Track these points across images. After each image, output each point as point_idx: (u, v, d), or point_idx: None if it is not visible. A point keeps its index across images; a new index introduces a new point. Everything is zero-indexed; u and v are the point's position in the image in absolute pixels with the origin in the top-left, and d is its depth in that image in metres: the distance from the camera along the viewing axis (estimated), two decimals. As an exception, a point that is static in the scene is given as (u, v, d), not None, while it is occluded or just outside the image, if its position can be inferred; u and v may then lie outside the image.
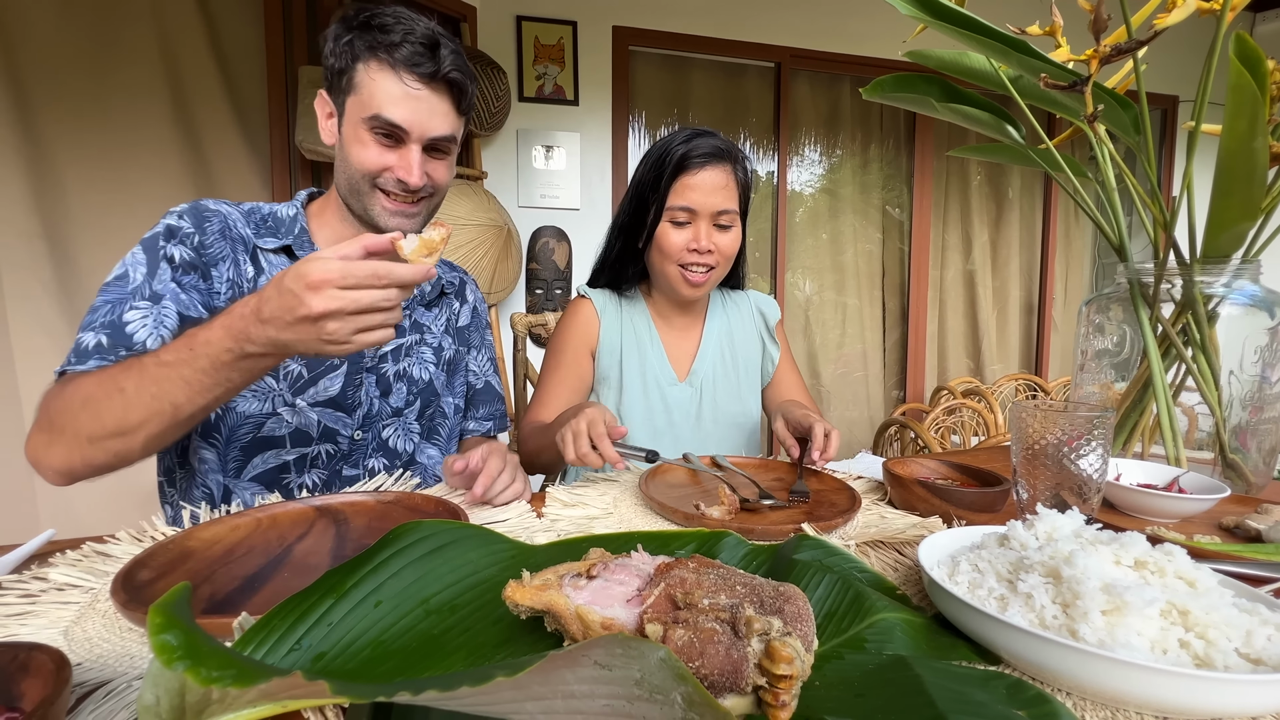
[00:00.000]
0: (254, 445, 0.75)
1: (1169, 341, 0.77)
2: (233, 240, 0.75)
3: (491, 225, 2.01)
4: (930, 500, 0.63)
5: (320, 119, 0.77)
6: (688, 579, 0.36)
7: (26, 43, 1.49)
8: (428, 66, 0.70)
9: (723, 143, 0.93)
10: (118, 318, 0.65)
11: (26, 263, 1.50)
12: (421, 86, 0.71)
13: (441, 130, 0.73)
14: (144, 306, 0.66)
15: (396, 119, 0.70)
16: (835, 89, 2.84)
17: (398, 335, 0.84)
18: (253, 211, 0.79)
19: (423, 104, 0.71)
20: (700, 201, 0.90)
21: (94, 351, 0.63)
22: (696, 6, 2.52)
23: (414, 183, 0.73)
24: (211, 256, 0.73)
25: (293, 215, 0.79)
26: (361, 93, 0.71)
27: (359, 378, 0.80)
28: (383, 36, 0.69)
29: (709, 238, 0.91)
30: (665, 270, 0.95)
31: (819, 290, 2.96)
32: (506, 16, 2.32)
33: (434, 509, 0.59)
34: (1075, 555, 0.37)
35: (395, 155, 0.73)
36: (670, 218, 0.92)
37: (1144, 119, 0.72)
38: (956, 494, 0.62)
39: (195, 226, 0.73)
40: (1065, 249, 3.26)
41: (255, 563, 0.49)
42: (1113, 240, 0.80)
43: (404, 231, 0.58)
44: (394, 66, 0.70)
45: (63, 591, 0.45)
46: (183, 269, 0.71)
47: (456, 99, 0.74)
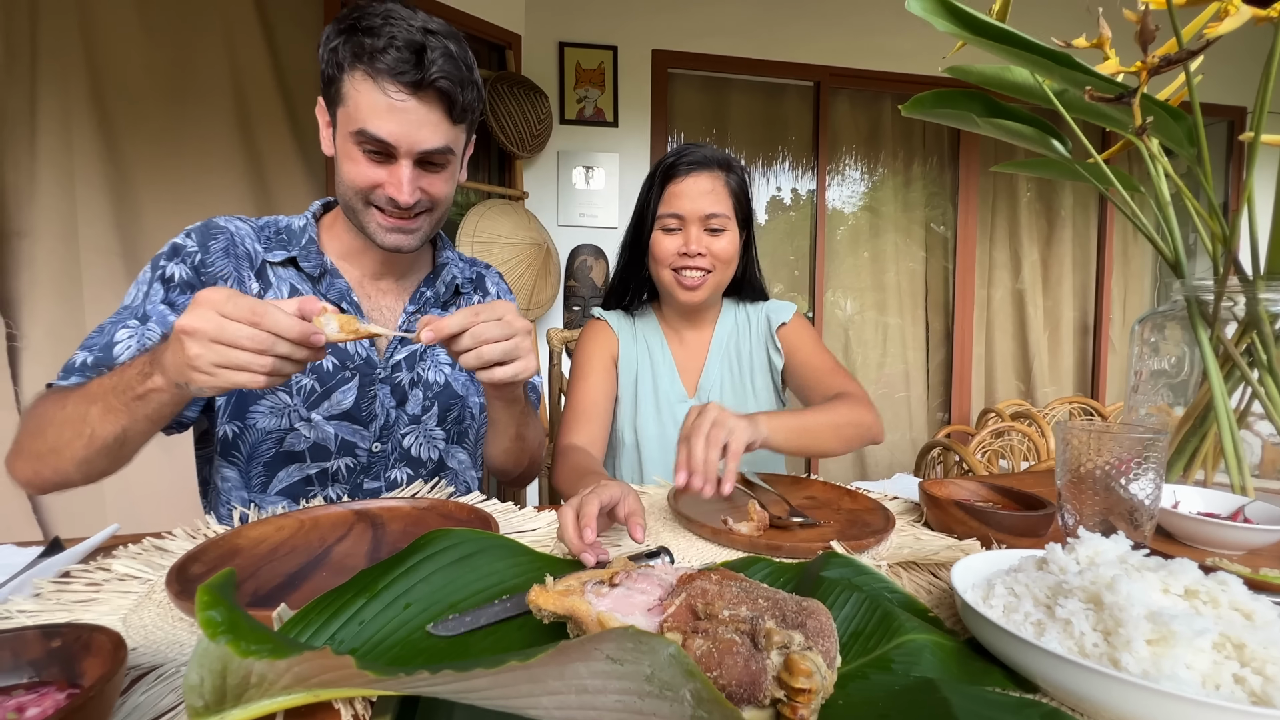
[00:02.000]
0: (277, 460, 0.76)
1: (1232, 363, 0.72)
2: (237, 258, 0.74)
3: (531, 244, 2.06)
4: (968, 523, 0.60)
5: (320, 128, 0.74)
6: (709, 590, 0.36)
7: (112, 75, 1.62)
8: (411, 75, 0.65)
9: (711, 151, 0.95)
10: (111, 337, 0.66)
11: (106, 279, 1.62)
12: (407, 97, 0.66)
13: (432, 143, 0.69)
14: (133, 326, 0.67)
15: (382, 134, 0.66)
16: (876, 107, 2.82)
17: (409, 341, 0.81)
18: (266, 225, 0.79)
19: (409, 116, 0.66)
20: (687, 207, 0.92)
21: (78, 369, 0.64)
22: (735, 28, 2.56)
23: (404, 200, 0.69)
24: (211, 275, 0.72)
25: (302, 226, 0.79)
26: (348, 105, 0.67)
27: (372, 390, 0.79)
28: (367, 41, 0.65)
29: (699, 242, 0.92)
30: (661, 276, 0.97)
31: (860, 310, 2.91)
32: (549, 43, 2.40)
33: (466, 516, 0.61)
34: (1118, 581, 0.35)
35: (385, 171, 0.69)
36: (661, 225, 0.94)
37: (1198, 131, 0.69)
38: (997, 517, 0.60)
39: (200, 245, 0.73)
40: (1123, 267, 3.12)
41: (297, 561, 0.51)
42: (1168, 256, 0.77)
43: (339, 308, 0.55)
44: (375, 77, 0.65)
45: (123, 581, 0.48)
46: (179, 288, 0.70)
47: (448, 107, 0.69)
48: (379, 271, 0.82)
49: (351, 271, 0.80)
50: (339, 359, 0.78)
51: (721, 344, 1.05)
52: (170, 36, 1.70)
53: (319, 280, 0.77)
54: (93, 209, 1.60)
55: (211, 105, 1.77)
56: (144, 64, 1.66)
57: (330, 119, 0.72)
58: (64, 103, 1.55)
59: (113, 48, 1.62)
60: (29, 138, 1.52)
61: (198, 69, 1.74)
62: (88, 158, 1.59)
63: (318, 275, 0.77)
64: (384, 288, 0.82)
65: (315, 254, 0.77)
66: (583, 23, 2.42)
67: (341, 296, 0.77)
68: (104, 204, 1.62)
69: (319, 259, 0.77)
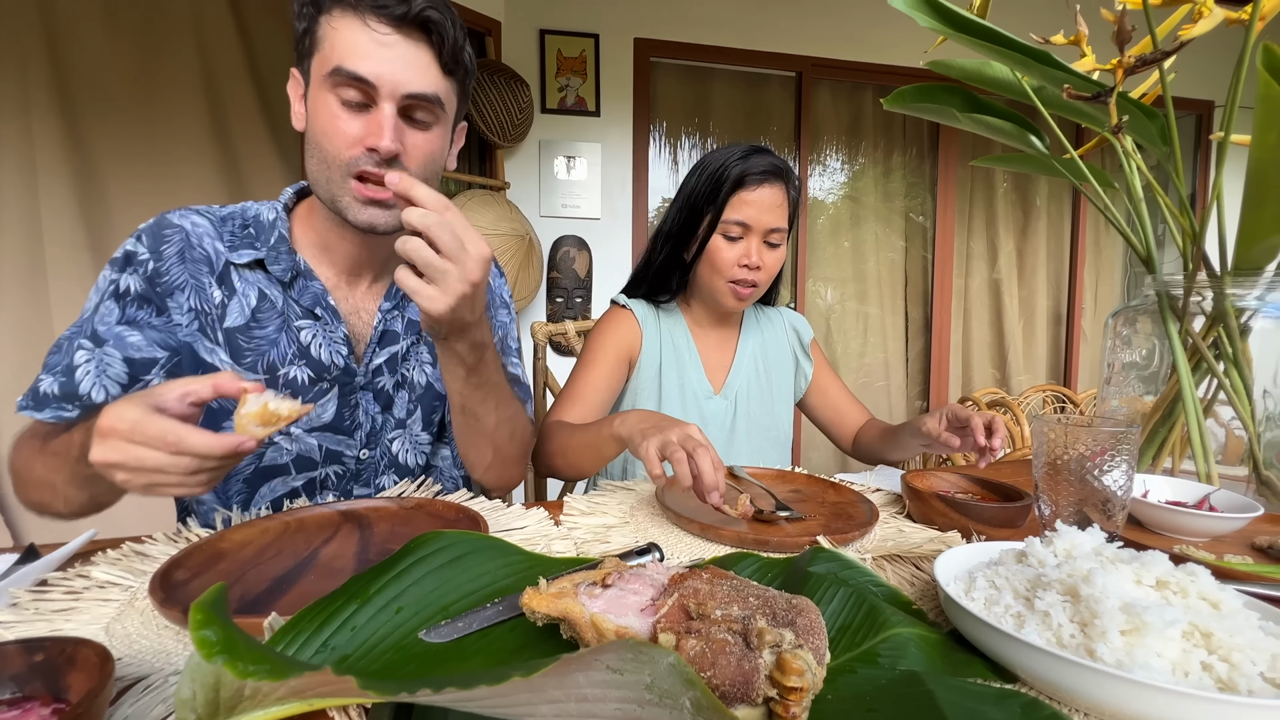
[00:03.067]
0: (256, 477, 0.72)
1: (1199, 355, 0.75)
2: (194, 262, 0.66)
3: (514, 235, 2.04)
4: (949, 515, 0.62)
5: (292, 102, 0.66)
6: (701, 590, 0.36)
7: (77, 63, 1.56)
8: (397, 7, 0.59)
9: (779, 161, 0.94)
10: (70, 360, 0.61)
11: (73, 273, 1.57)
12: (391, 31, 0.60)
13: (419, 86, 0.61)
14: (88, 349, 0.61)
15: (361, 71, 0.59)
16: (857, 97, 2.83)
17: (391, 341, 0.76)
18: (231, 218, 0.70)
19: (393, 51, 0.60)
20: (755, 218, 0.92)
21: (50, 401, 0.61)
22: (717, 18, 2.54)
23: (385, 145, 0.60)
24: (167, 285, 0.65)
25: (272, 220, 0.70)
26: (323, 48, 0.61)
27: (353, 399, 0.74)
28: None
29: (759, 254, 0.93)
30: (714, 284, 0.96)
31: (840, 299, 2.94)
32: (530, 30, 2.36)
33: (455, 515, 0.61)
34: (1094, 574, 0.36)
35: (362, 122, 0.61)
36: (724, 231, 0.93)
37: (1171, 130, 0.71)
38: (976, 509, 0.62)
39: (151, 249, 0.65)
40: (1095, 258, 3.19)
41: (284, 565, 0.50)
42: (1140, 252, 0.79)
43: (262, 388, 0.48)
44: (358, 10, 0.59)
45: (104, 589, 0.47)
46: (136, 303, 0.64)
47: (437, 47, 0.62)
48: (356, 266, 0.74)
49: (326, 271, 0.73)
50: (314, 371, 0.71)
51: (749, 345, 1.07)
52: (137, 21, 1.63)
53: (290, 284, 0.70)
54: (57, 200, 1.55)
55: (181, 92, 1.71)
56: (109, 49, 1.60)
57: (303, 85, 0.65)
58: (22, 89, 1.49)
59: (75, 33, 1.55)
60: (-14, 124, 1.46)
61: (166, 55, 1.68)
62: (50, 147, 1.53)
63: (289, 279, 0.70)
64: (362, 289, 0.76)
65: (286, 254, 0.69)
66: (564, 10, 2.38)
67: (316, 301, 0.71)
68: (69, 195, 1.56)
69: (290, 260, 0.69)
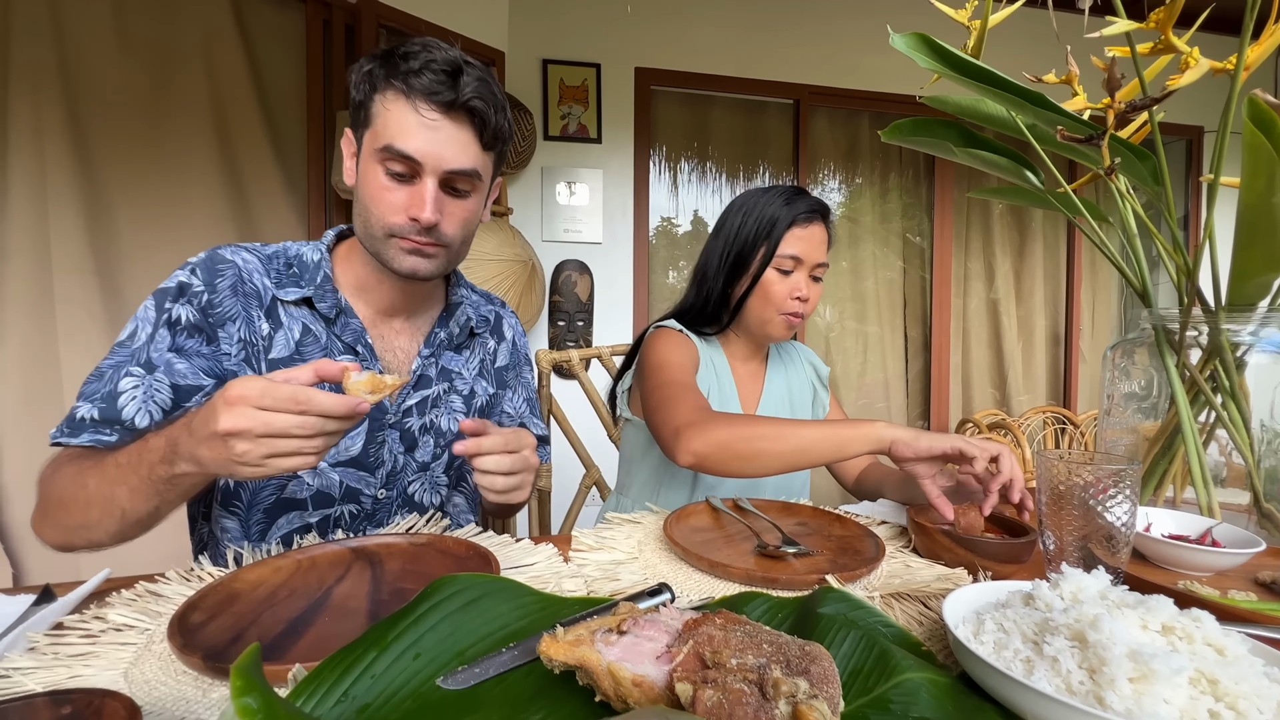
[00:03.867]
0: (276, 508, 0.74)
1: (1197, 388, 0.76)
2: (245, 295, 0.71)
3: (517, 260, 2.06)
4: (955, 551, 0.63)
5: (345, 159, 0.73)
6: (715, 637, 0.37)
7: (89, 91, 1.59)
8: (446, 94, 0.65)
9: (821, 203, 1.02)
10: (114, 386, 0.63)
11: (80, 297, 1.58)
12: (439, 116, 0.66)
13: (460, 163, 0.67)
14: (137, 375, 0.64)
15: (409, 150, 0.65)
16: (853, 124, 2.89)
17: (424, 385, 0.80)
18: (275, 256, 0.75)
19: (439, 134, 0.66)
20: (807, 252, 0.98)
21: (88, 426, 0.62)
22: (716, 47, 2.60)
23: (426, 216, 0.67)
24: (219, 316, 0.69)
25: (317, 260, 0.75)
26: (376, 124, 0.67)
27: (381, 435, 0.77)
28: (402, 64, 0.65)
29: (807, 287, 0.99)
30: (765, 315, 1.00)
31: (839, 319, 2.96)
32: (533, 60, 2.41)
33: (465, 552, 0.61)
34: (1101, 619, 0.37)
35: (407, 194, 0.68)
36: (778, 265, 0.98)
37: (1162, 171, 0.73)
38: (982, 544, 0.62)
39: (206, 283, 0.69)
40: (1091, 279, 3.22)
41: (298, 606, 0.51)
42: (1136, 286, 0.81)
43: (362, 367, 0.55)
44: (409, 95, 0.65)
45: (121, 632, 0.47)
46: (187, 331, 0.68)
47: (479, 129, 0.68)
48: (391, 308, 0.79)
49: (364, 309, 0.77)
50: None
51: (776, 379, 1.12)
52: (148, 51, 1.67)
53: (333, 321, 0.74)
54: (66, 225, 1.57)
55: (190, 120, 1.74)
56: (121, 78, 1.63)
57: (355, 148, 0.71)
58: (36, 118, 1.52)
59: (89, 62, 1.59)
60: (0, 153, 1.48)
61: (176, 84, 1.72)
62: (61, 173, 1.55)
63: (333, 316, 0.74)
64: (397, 327, 0.80)
65: (331, 292, 0.74)
66: (566, 40, 2.44)
67: (356, 338, 0.75)
68: (78, 220, 1.58)
69: (334, 298, 0.74)
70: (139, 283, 1.66)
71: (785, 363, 1.16)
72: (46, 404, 1.53)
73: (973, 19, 0.84)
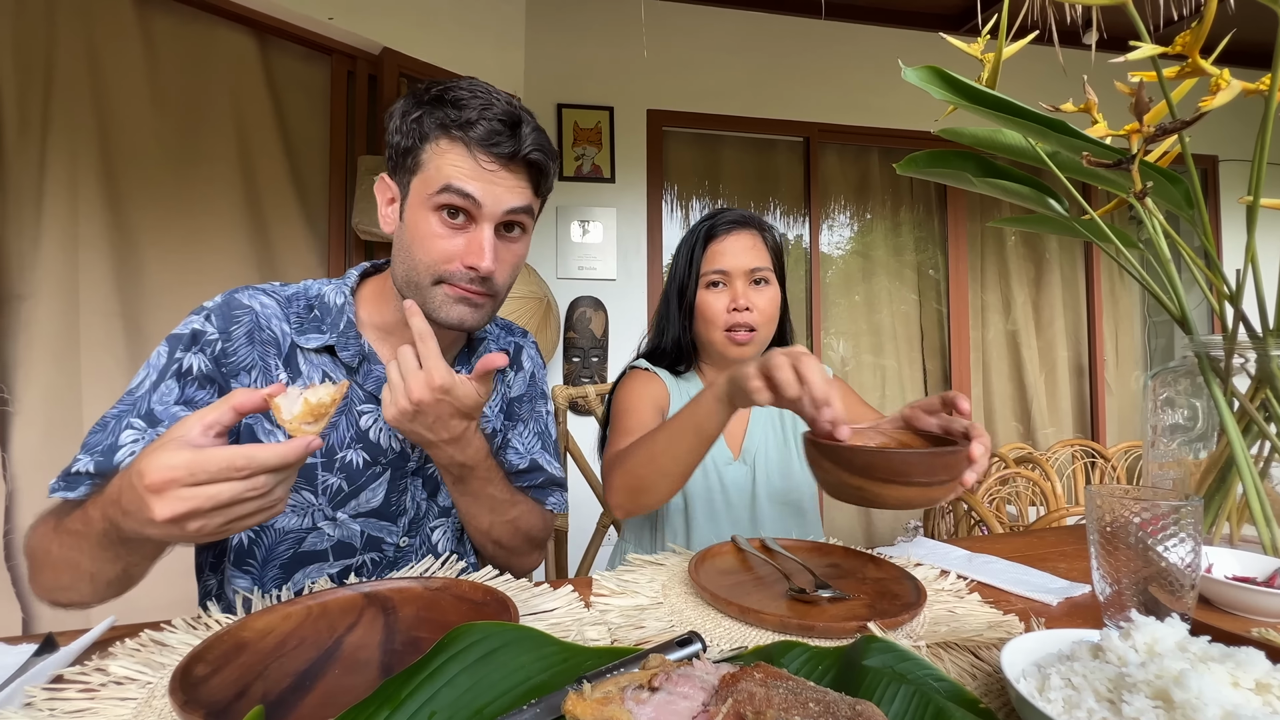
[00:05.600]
0: (294, 562, 0.70)
1: (1249, 418, 0.72)
2: (263, 344, 0.68)
3: (533, 297, 2.07)
4: (869, 475, 0.57)
5: (380, 205, 0.70)
6: (756, 694, 0.34)
7: (121, 140, 1.65)
8: (507, 146, 0.64)
9: (746, 213, 1.00)
10: (115, 439, 0.60)
11: (104, 340, 1.61)
12: (498, 167, 0.64)
13: (516, 201, 0.66)
14: (139, 428, 0.60)
15: (469, 189, 0.63)
16: (864, 159, 2.92)
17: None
18: (296, 298, 0.72)
19: (499, 183, 0.65)
20: (732, 263, 0.95)
21: (84, 479, 0.58)
22: (727, 89, 2.66)
23: (485, 266, 0.64)
24: (234, 366, 0.66)
25: (340, 305, 0.71)
26: (428, 170, 0.64)
27: (403, 483, 0.74)
28: (456, 113, 0.63)
29: (746, 296, 0.95)
30: (711, 337, 0.98)
31: (855, 353, 2.93)
32: (548, 104, 2.48)
33: (482, 597, 0.58)
34: (1187, 676, 0.33)
35: (463, 240, 0.65)
36: (706, 282, 0.96)
37: (1196, 194, 0.71)
38: (900, 461, 0.56)
39: (221, 330, 0.66)
40: (1112, 308, 3.17)
41: (307, 656, 0.48)
42: (1174, 313, 0.78)
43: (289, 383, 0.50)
44: (468, 145, 0.63)
45: (121, 685, 0.45)
46: (198, 383, 0.64)
47: (535, 180, 0.68)
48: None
49: (387, 354, 0.74)
50: (370, 455, 0.72)
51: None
52: (179, 103, 1.74)
53: (356, 369, 0.71)
54: (95, 271, 1.60)
55: (217, 167, 1.80)
56: (152, 130, 1.70)
57: (397, 194, 0.69)
58: (71, 169, 1.57)
59: (124, 117, 1.65)
60: (35, 202, 1.53)
61: (205, 133, 1.78)
62: (92, 222, 1.60)
63: (355, 365, 0.71)
64: None
65: (354, 339, 0.71)
66: (580, 85, 2.51)
67: (379, 387, 0.71)
68: (106, 266, 1.62)
69: (358, 345, 0.71)
70: (162, 325, 1.69)
71: None
72: (66, 446, 1.53)
73: (985, 52, 0.84)
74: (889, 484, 0.56)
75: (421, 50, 2.06)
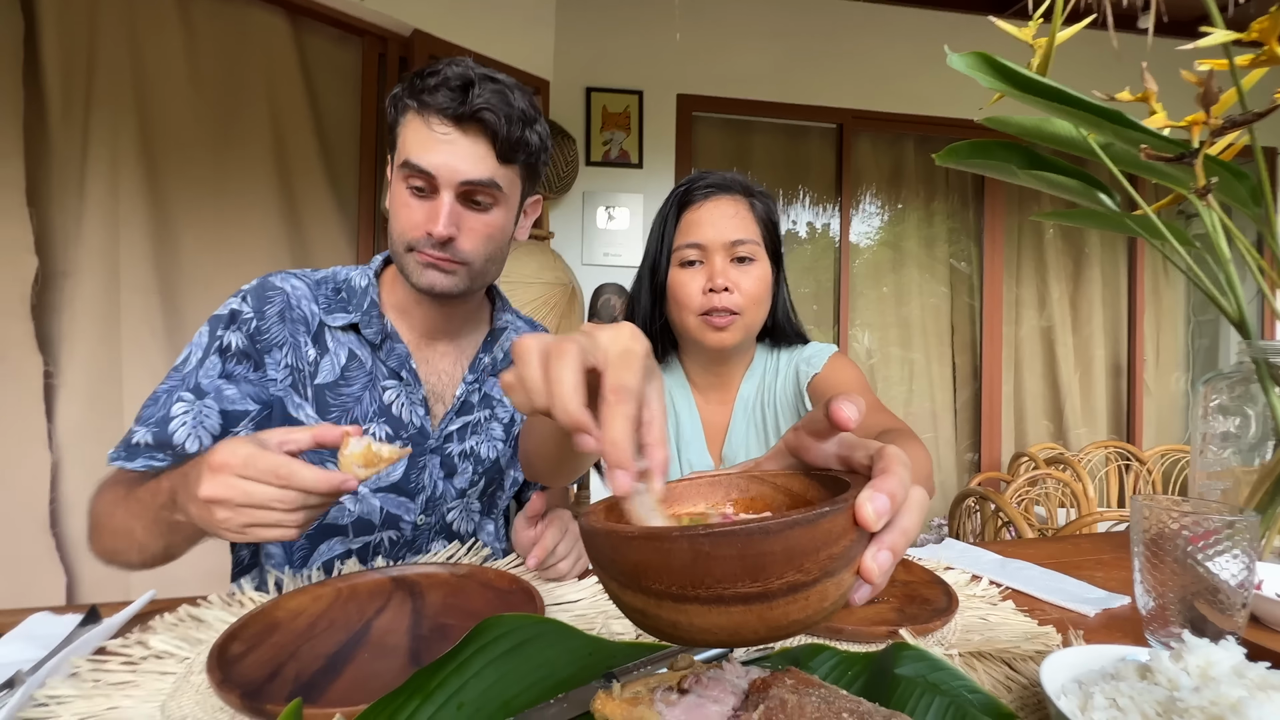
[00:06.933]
0: (319, 533, 0.74)
1: (1308, 429, 0.69)
2: (293, 322, 0.72)
3: (558, 284, 2.07)
4: (635, 598, 0.28)
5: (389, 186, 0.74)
6: (789, 702, 0.33)
7: (161, 121, 1.68)
8: (455, 109, 0.65)
9: (731, 175, 0.85)
10: (167, 411, 0.65)
11: (144, 317, 1.65)
12: (450, 129, 0.66)
13: (475, 174, 0.66)
14: (188, 400, 0.65)
15: (423, 164, 0.65)
16: (898, 147, 2.84)
17: (466, 411, 0.80)
18: (325, 281, 0.76)
19: (453, 146, 0.66)
20: (709, 234, 0.80)
21: (142, 450, 0.63)
22: (758, 73, 2.60)
23: (438, 231, 0.66)
24: (267, 343, 0.70)
25: (364, 286, 0.75)
26: (399, 145, 0.69)
27: (422, 460, 0.76)
28: (419, 83, 0.66)
29: (725, 275, 0.80)
30: (685, 322, 0.83)
31: (883, 347, 2.88)
32: (577, 88, 2.46)
33: (508, 585, 0.59)
34: (1245, 704, 0.32)
35: (427, 207, 0.68)
36: (679, 259, 0.81)
37: (1265, 191, 0.67)
38: (672, 552, 0.25)
39: (255, 310, 0.70)
40: (1155, 306, 3.05)
41: (337, 639, 0.49)
42: (1232, 315, 0.74)
43: (366, 431, 0.55)
44: (423, 113, 0.66)
45: (161, 659, 0.46)
46: (236, 358, 0.69)
47: (492, 140, 0.67)
48: (433, 330, 0.79)
49: (408, 333, 0.77)
50: (393, 429, 0.75)
51: (746, 402, 0.91)
52: (216, 86, 1.76)
53: (379, 346, 0.74)
54: (135, 250, 1.65)
55: (252, 149, 1.83)
56: (190, 111, 1.73)
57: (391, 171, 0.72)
58: (113, 149, 1.61)
59: (163, 98, 1.68)
60: (78, 182, 1.57)
61: (240, 115, 1.81)
62: (133, 201, 1.64)
63: (378, 342, 0.74)
64: (441, 350, 0.80)
65: (377, 318, 0.74)
66: (610, 68, 2.48)
67: (401, 364, 0.75)
68: (146, 245, 1.66)
69: (380, 324, 0.74)
70: (198, 302, 1.73)
71: (767, 379, 0.92)
72: (109, 418, 1.59)
73: (1037, 37, 0.80)
74: (685, 603, 0.26)
75: (452, 33, 2.05)
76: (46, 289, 1.54)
